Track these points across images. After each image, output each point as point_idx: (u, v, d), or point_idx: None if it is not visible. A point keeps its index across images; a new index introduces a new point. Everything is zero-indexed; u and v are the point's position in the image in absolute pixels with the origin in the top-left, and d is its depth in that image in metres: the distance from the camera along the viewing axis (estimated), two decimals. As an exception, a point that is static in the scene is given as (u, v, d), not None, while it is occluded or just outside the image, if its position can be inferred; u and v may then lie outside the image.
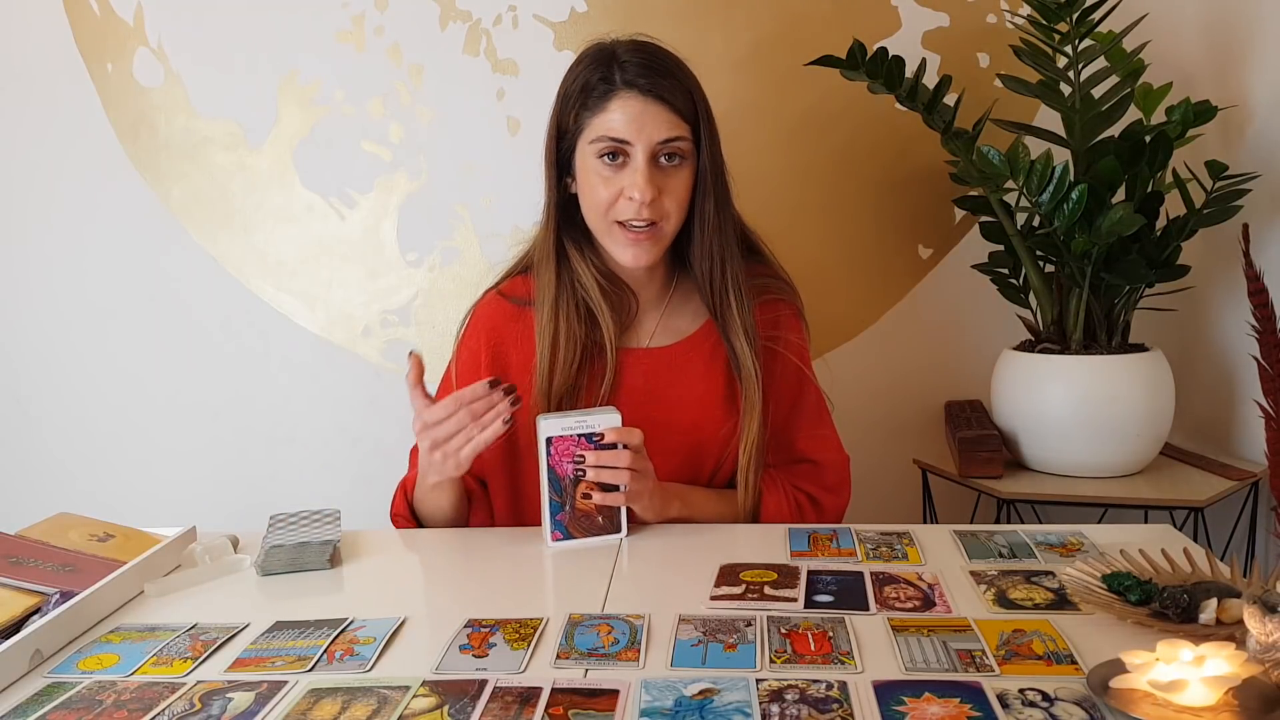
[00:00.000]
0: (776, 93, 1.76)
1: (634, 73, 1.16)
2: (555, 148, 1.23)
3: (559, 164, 1.23)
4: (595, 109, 1.17)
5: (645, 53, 1.19)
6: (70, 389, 1.88)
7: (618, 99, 1.16)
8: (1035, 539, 1.06)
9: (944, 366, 1.83)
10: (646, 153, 1.16)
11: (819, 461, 1.29)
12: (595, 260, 1.25)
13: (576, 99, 1.19)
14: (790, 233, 1.76)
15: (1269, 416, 1.49)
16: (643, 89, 1.16)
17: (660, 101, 1.16)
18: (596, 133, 1.17)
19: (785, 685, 0.73)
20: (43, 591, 0.92)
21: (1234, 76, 1.68)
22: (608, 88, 1.17)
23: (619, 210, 1.18)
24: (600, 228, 1.21)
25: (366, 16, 1.76)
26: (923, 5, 1.73)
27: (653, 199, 1.16)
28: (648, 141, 1.16)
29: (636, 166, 1.16)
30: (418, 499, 1.22)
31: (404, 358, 1.80)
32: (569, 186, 1.24)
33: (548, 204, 1.25)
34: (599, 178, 1.18)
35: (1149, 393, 1.53)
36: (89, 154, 1.81)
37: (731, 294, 1.24)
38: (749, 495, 1.23)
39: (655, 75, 1.17)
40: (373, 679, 0.78)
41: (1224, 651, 0.67)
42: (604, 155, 1.17)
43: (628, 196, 1.17)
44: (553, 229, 1.25)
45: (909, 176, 1.78)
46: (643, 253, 1.20)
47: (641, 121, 1.16)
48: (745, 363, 1.23)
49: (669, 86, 1.17)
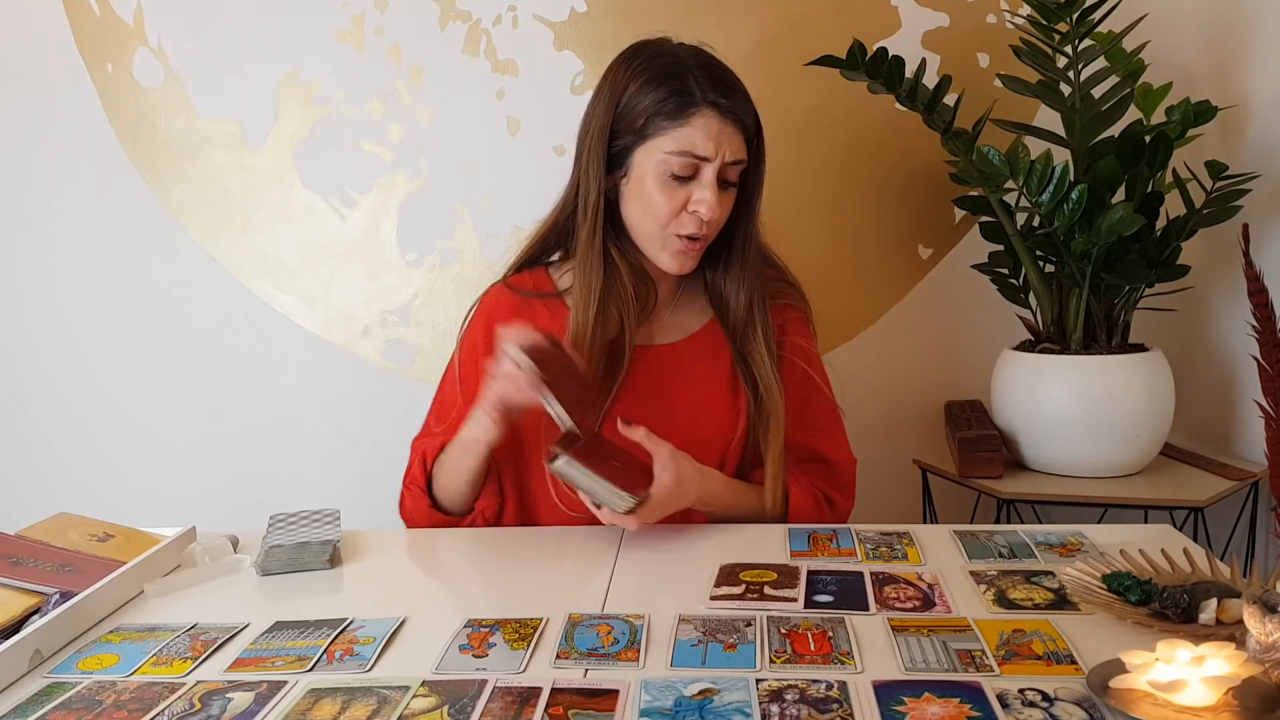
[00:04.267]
0: (776, 93, 1.75)
1: (714, 91, 1.17)
2: (607, 144, 1.21)
3: (609, 161, 1.22)
4: (674, 120, 1.17)
5: (718, 69, 1.20)
6: (70, 389, 1.88)
7: (700, 115, 1.16)
8: (1035, 539, 1.06)
9: (944, 366, 1.83)
10: (717, 170, 1.17)
11: (831, 461, 1.29)
12: (631, 259, 1.25)
13: (649, 105, 1.18)
14: (791, 233, 1.76)
15: (1269, 416, 1.49)
16: (723, 110, 1.17)
17: (737, 123, 1.18)
18: (678, 145, 1.16)
19: (785, 685, 0.73)
20: (43, 591, 0.92)
21: (1234, 76, 1.68)
22: (687, 101, 1.17)
23: (681, 224, 1.19)
24: (654, 236, 1.21)
25: (366, 16, 1.76)
26: (923, 5, 1.74)
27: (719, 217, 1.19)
28: (721, 160, 1.17)
29: (707, 183, 1.17)
30: (443, 461, 1.22)
31: (403, 358, 1.80)
32: (620, 185, 1.23)
33: (591, 201, 1.22)
34: (664, 187, 1.18)
35: (1149, 393, 1.53)
36: (89, 154, 1.81)
37: (757, 309, 1.25)
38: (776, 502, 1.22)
39: (733, 97, 1.19)
40: (372, 679, 0.78)
41: (1224, 651, 0.67)
42: (679, 171, 1.17)
43: (691, 211, 1.18)
44: (600, 228, 1.23)
45: (909, 176, 1.78)
46: (689, 261, 1.23)
47: (719, 140, 1.17)
48: (764, 373, 1.24)
49: (744, 109, 1.19)
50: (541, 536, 1.17)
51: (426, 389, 1.36)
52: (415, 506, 1.24)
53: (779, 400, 1.23)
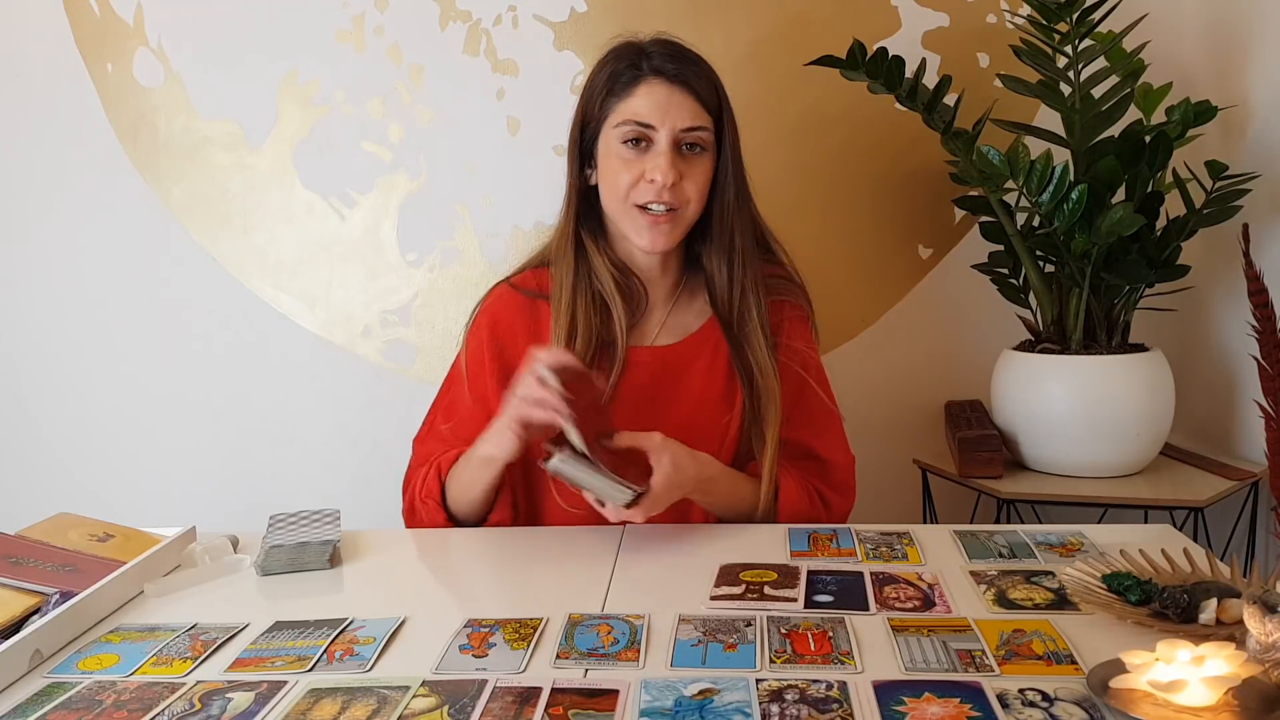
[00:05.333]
0: (776, 93, 1.76)
1: (660, 60, 1.20)
2: (579, 137, 1.25)
3: (582, 154, 1.26)
4: (621, 94, 1.20)
5: (671, 46, 1.23)
6: (70, 389, 1.88)
7: (645, 84, 1.19)
8: (1035, 539, 1.06)
9: (944, 366, 1.83)
10: (670, 138, 1.19)
11: (826, 459, 1.28)
12: (611, 253, 1.27)
13: (603, 86, 1.22)
14: (790, 233, 1.74)
15: (1269, 416, 1.49)
16: (670, 75, 1.19)
17: (686, 89, 1.19)
18: (622, 116, 1.20)
19: (785, 685, 0.73)
20: (43, 591, 0.92)
21: (1234, 76, 1.68)
22: (635, 74, 1.20)
23: (639, 193, 1.20)
24: (619, 211, 1.22)
25: (366, 16, 1.76)
26: (923, 5, 1.73)
27: (674, 183, 1.18)
28: (671, 127, 1.18)
29: (660, 150, 1.19)
30: (457, 475, 1.21)
31: (403, 358, 1.81)
32: (590, 177, 1.26)
33: (568, 194, 1.27)
34: (620, 161, 1.20)
35: (1149, 393, 1.53)
36: (89, 154, 1.81)
37: (750, 291, 1.25)
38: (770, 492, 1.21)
39: (681, 63, 1.20)
40: (372, 679, 0.78)
41: (1224, 651, 0.67)
42: (628, 140, 1.19)
43: (649, 179, 1.19)
44: (572, 218, 1.27)
45: (909, 176, 1.78)
46: (660, 236, 1.21)
47: (667, 107, 1.18)
48: (760, 356, 1.23)
49: (695, 75, 1.20)
50: (541, 536, 1.17)
51: (426, 389, 1.36)
52: (432, 520, 1.23)
53: (774, 384, 1.23)
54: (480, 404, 1.25)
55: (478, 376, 1.27)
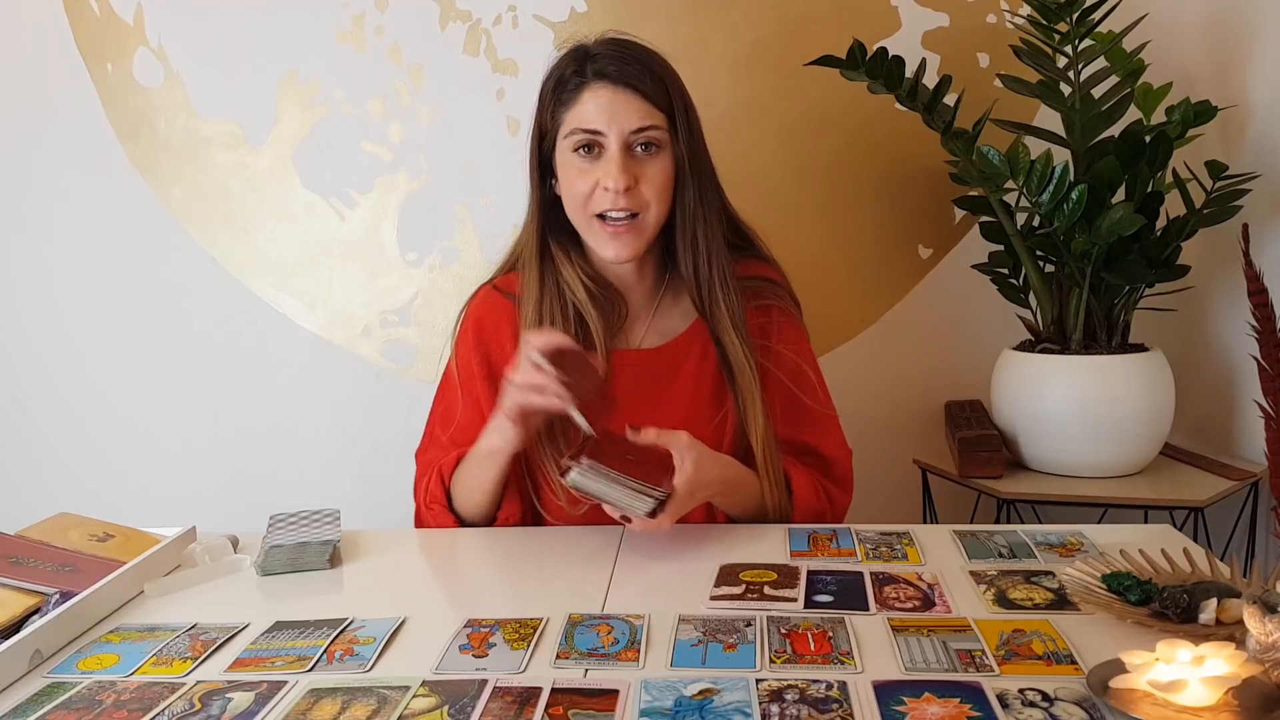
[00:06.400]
0: (776, 93, 1.76)
1: (603, 63, 1.17)
2: (538, 149, 1.23)
3: (542, 165, 1.24)
4: (568, 103, 1.18)
5: (617, 45, 1.20)
6: (70, 389, 1.88)
7: (589, 90, 1.17)
8: (1035, 539, 1.06)
9: (944, 366, 1.83)
10: (619, 141, 1.16)
11: (826, 456, 1.28)
12: (583, 264, 1.25)
13: (551, 96, 1.20)
14: (790, 233, 1.76)
15: (1269, 416, 1.49)
16: (612, 78, 1.16)
17: (630, 90, 1.17)
18: (570, 126, 1.18)
19: (785, 685, 0.73)
20: (43, 591, 0.92)
21: (1234, 76, 1.68)
22: (579, 80, 1.18)
23: (596, 202, 1.18)
24: (581, 223, 1.21)
25: (366, 16, 1.76)
26: (923, 5, 1.74)
27: (628, 187, 1.16)
28: (620, 130, 1.16)
29: (610, 156, 1.16)
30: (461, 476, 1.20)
31: (403, 358, 1.80)
32: (553, 188, 1.24)
33: (531, 206, 1.26)
34: (575, 171, 1.18)
35: (1149, 393, 1.53)
36: (89, 154, 1.81)
37: (718, 286, 1.23)
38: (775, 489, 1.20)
39: (625, 64, 1.17)
40: (372, 679, 0.78)
41: (1224, 651, 0.67)
42: (579, 148, 1.18)
43: (603, 187, 1.17)
44: (536, 231, 1.25)
45: (909, 176, 1.78)
46: (623, 246, 1.19)
47: (613, 110, 1.16)
48: (736, 355, 1.22)
49: (638, 74, 1.17)
50: (541, 536, 1.17)
51: (426, 389, 1.36)
52: (440, 525, 1.22)
53: (752, 382, 1.21)
54: (475, 408, 1.25)
55: (469, 380, 1.26)
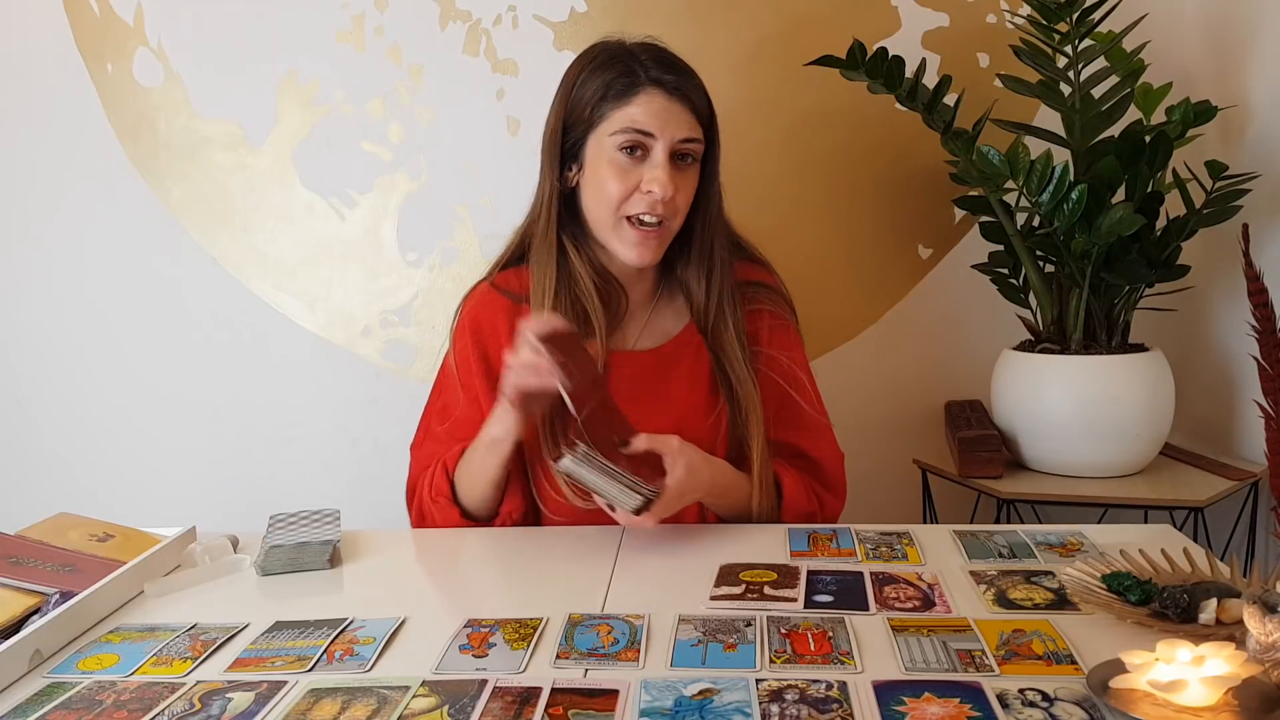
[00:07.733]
0: (776, 93, 1.76)
1: (658, 70, 1.19)
2: (560, 140, 1.23)
3: (564, 157, 1.24)
4: (618, 101, 1.18)
5: (664, 53, 1.22)
6: (70, 389, 1.88)
7: (644, 93, 1.18)
8: (1035, 539, 1.06)
9: (944, 366, 1.83)
10: (667, 149, 1.18)
11: (816, 459, 1.28)
12: (591, 257, 1.25)
13: (595, 92, 1.20)
14: (790, 233, 1.76)
15: (1269, 416, 1.49)
16: (668, 86, 1.18)
17: (684, 100, 1.19)
18: (620, 124, 1.18)
19: (785, 685, 0.73)
20: (42, 591, 0.92)
21: (1234, 76, 1.68)
22: (631, 81, 1.18)
23: (632, 204, 1.19)
24: (608, 222, 1.21)
25: (366, 16, 1.76)
26: (923, 5, 1.74)
27: (672, 195, 1.17)
28: (670, 138, 1.17)
29: (658, 161, 1.17)
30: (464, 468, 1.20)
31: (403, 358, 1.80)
32: (570, 179, 1.24)
33: (545, 197, 1.25)
34: (615, 169, 1.18)
35: (1149, 393, 1.53)
36: (89, 154, 1.81)
37: (726, 302, 1.25)
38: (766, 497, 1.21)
39: (679, 75, 1.20)
40: (372, 679, 0.78)
41: (1224, 651, 0.67)
42: (625, 148, 1.18)
43: (645, 190, 1.18)
44: (554, 222, 1.25)
45: (909, 176, 1.78)
46: (648, 251, 1.21)
47: (666, 117, 1.17)
48: (739, 370, 1.23)
49: (691, 87, 1.20)
50: (541, 536, 1.17)
51: (426, 389, 1.36)
52: (445, 519, 1.21)
53: (753, 394, 1.23)
54: (474, 404, 1.25)
55: (468, 376, 1.26)
